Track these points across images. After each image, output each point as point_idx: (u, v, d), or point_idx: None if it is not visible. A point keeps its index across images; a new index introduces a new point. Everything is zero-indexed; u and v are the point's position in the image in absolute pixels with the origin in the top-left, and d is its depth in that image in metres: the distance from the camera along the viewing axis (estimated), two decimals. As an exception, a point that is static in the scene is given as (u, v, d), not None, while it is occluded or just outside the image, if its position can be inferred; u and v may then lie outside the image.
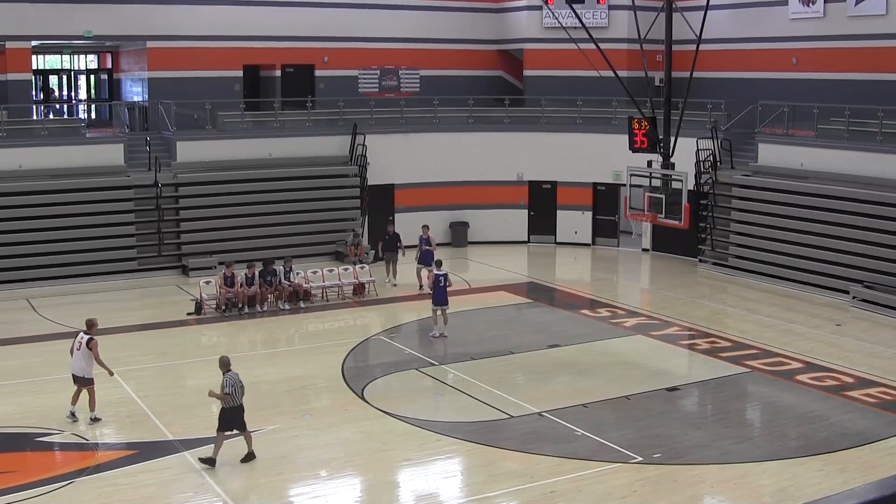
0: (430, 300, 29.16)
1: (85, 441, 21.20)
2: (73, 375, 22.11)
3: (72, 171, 37.00)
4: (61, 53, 49.37)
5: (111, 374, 22.34)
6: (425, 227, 34.95)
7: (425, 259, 33.91)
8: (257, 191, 39.10)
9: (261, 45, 44.00)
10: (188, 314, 31.53)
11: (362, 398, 23.49)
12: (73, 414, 21.94)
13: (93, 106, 49.92)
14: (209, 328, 30.74)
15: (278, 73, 45.25)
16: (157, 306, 33.13)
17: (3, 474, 19.48)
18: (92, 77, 51.17)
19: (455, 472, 19.95)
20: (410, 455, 20.36)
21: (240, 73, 44.27)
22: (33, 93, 44.66)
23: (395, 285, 35.14)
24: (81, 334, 22.26)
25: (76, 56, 50.06)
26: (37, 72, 46.38)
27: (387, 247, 35.88)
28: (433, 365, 26.01)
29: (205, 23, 42.85)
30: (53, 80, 50.47)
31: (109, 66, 49.39)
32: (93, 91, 51.00)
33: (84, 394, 22.07)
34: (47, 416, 22.34)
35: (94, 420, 21.85)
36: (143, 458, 20.03)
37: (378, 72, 46.77)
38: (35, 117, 42.15)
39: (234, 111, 41.92)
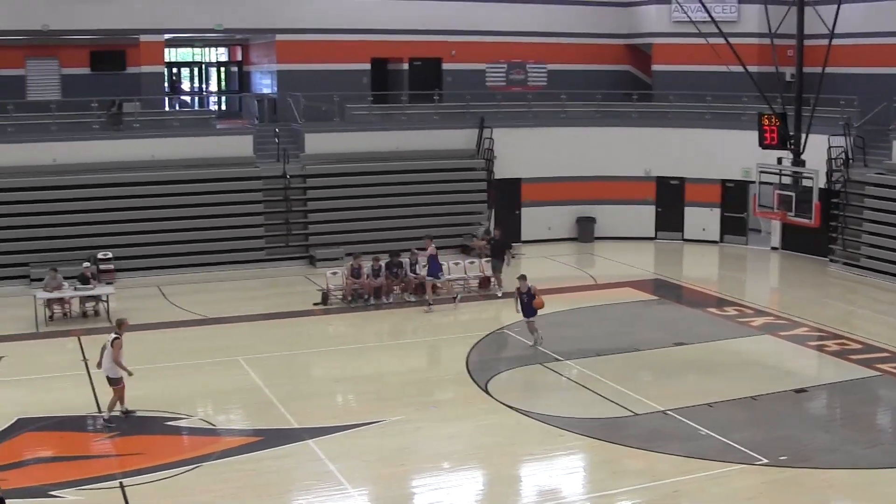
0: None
1: (212, 426, 21.54)
2: (106, 377, 22.06)
3: (202, 162, 37.65)
4: (192, 46, 50.24)
5: (130, 374, 21.83)
6: (428, 240, 33.40)
7: (430, 271, 32.36)
8: (384, 183, 39.33)
9: (389, 38, 44.18)
10: (315, 304, 31.85)
11: (486, 392, 23.47)
12: (126, 412, 21.94)
13: (223, 98, 50.76)
14: (335, 318, 31.02)
15: (406, 66, 45.44)
16: (285, 296, 33.48)
17: (132, 456, 19.92)
18: (222, 69, 51.98)
19: (578, 469, 19.83)
20: (533, 450, 20.27)
21: (368, 66, 44.53)
22: (165, 85, 45.54)
23: (499, 296, 33.03)
24: (112, 334, 22.18)
25: (207, 49, 50.91)
26: (169, 64, 47.23)
27: (493, 253, 34.22)
28: (558, 360, 25.85)
29: (333, 16, 43.17)
30: (185, 72, 51.38)
31: (239, 58, 50.13)
32: (223, 83, 51.81)
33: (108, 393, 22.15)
34: (176, 400, 22.77)
35: (107, 421, 21.67)
36: (269, 444, 20.29)
37: (505, 65, 46.68)
38: (167, 109, 43.05)
39: (361, 104, 42.29)
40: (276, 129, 40.20)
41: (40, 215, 35.46)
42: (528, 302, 26.89)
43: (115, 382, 21.65)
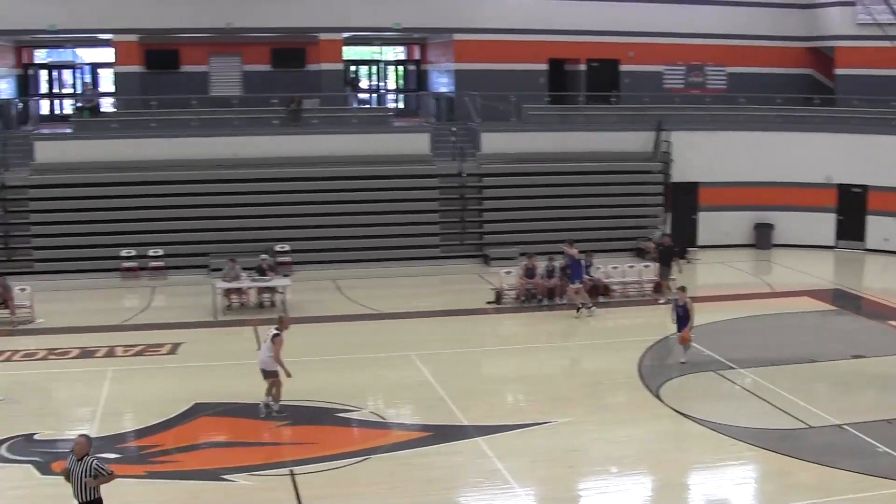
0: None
1: (382, 420, 21.74)
2: (260, 369, 22.05)
3: (379, 159, 38.11)
4: (371, 45, 50.86)
5: (289, 375, 21.60)
6: (569, 243, 31.96)
7: (571, 278, 31.20)
8: (559, 184, 39.20)
9: (566, 38, 44.04)
10: (487, 303, 31.93)
11: (657, 397, 23.15)
12: (266, 405, 21.83)
13: (400, 96, 51.30)
14: (507, 318, 31.08)
15: (583, 67, 45.27)
16: (458, 293, 33.65)
17: (305, 445, 20.26)
18: (400, 68, 52.50)
19: (748, 480, 19.35)
20: (703, 458, 19.95)
21: (544, 67, 44.50)
22: (344, 83, 46.24)
23: (661, 303, 32.12)
24: (273, 329, 22.01)
25: (385, 47, 51.48)
26: (347, 62, 47.91)
27: (660, 259, 33.47)
28: (731, 368, 25.31)
29: (511, 16, 43.25)
30: (363, 70, 52.06)
31: (417, 57, 50.56)
32: (401, 81, 52.33)
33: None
34: (347, 392, 23.07)
35: (276, 413, 21.63)
36: (437, 440, 20.38)
37: (684, 68, 46.09)
38: (346, 106, 43.74)
39: (538, 104, 42.25)
40: (453, 128, 40.48)
41: (221, 207, 36.43)
42: (683, 315, 26.10)
43: (270, 375, 21.75)
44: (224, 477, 18.55)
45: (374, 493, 17.87)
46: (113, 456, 19.47)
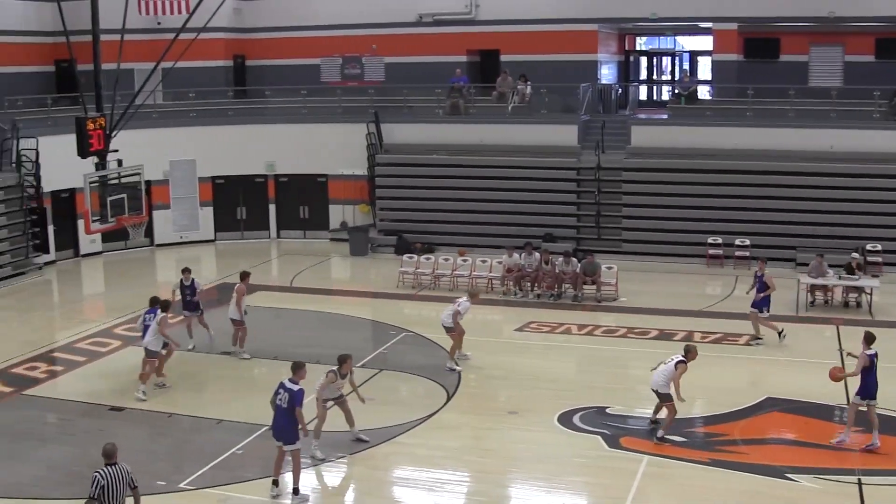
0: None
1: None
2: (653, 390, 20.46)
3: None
4: None
5: (681, 400, 19.89)
6: (761, 262, 27.81)
7: (757, 302, 27.05)
8: None
9: None
10: None
11: None
12: (660, 439, 20.03)
13: None
14: None
15: None
16: None
17: (877, 455, 19.45)
18: None
19: None
20: None
21: None
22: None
23: None
24: (678, 356, 20.18)
25: None
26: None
27: None
28: None
29: None
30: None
31: None
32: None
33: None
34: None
35: (657, 438, 19.96)
36: None
37: None
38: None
39: None
40: None
41: (812, 200, 35.80)
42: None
43: (665, 398, 20.19)
44: (788, 475, 18.35)
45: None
46: (678, 439, 19.86)
